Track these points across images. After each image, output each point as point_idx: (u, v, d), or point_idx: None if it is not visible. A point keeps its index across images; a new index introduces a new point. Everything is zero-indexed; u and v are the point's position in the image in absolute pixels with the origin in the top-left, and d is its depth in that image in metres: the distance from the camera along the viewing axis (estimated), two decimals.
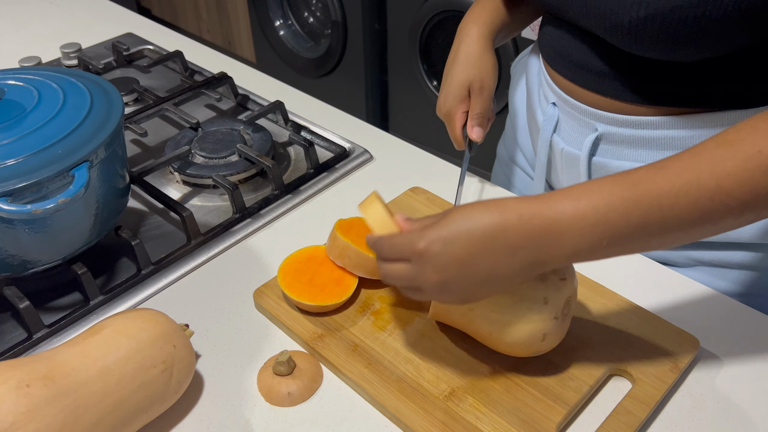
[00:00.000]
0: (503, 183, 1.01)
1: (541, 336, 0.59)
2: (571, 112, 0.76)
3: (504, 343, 0.60)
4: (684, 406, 0.62)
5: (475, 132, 0.79)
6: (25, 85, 0.72)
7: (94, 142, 0.67)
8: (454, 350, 0.65)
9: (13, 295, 0.68)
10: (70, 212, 0.67)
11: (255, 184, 0.90)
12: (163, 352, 0.58)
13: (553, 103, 0.79)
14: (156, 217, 0.86)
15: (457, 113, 0.79)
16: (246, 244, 0.81)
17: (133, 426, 0.57)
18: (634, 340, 0.65)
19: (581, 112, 0.75)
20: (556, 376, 0.62)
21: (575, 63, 0.73)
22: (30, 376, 0.51)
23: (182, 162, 0.90)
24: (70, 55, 1.17)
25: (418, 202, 0.84)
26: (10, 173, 0.62)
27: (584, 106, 0.74)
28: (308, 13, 2.53)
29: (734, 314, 0.70)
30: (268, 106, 1.00)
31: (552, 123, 0.79)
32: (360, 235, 0.72)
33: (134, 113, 0.98)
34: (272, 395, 0.62)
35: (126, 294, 0.74)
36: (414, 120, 2.36)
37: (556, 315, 0.58)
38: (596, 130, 0.74)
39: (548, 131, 0.80)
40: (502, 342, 0.60)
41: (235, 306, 0.73)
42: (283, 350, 0.64)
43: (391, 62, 2.34)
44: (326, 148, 0.96)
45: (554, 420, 0.58)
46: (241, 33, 2.89)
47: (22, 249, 0.66)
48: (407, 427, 0.59)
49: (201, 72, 1.13)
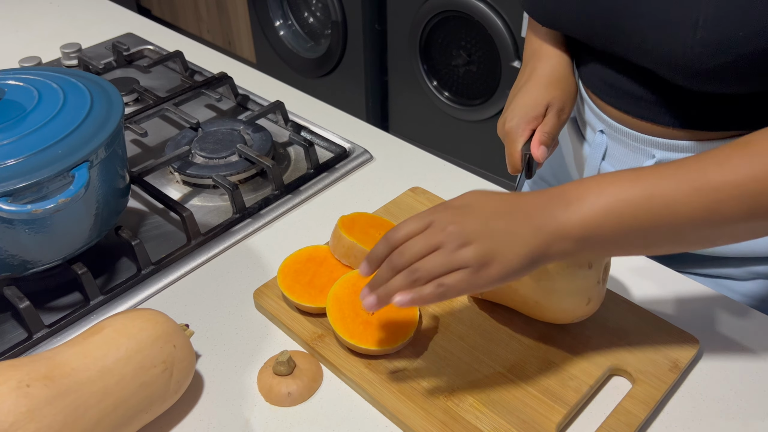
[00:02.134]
0: None
1: (586, 300, 0.61)
2: (623, 140, 0.73)
3: (550, 310, 0.61)
4: (684, 406, 0.62)
5: (540, 150, 0.68)
6: (25, 85, 0.72)
7: (94, 142, 0.67)
8: (454, 350, 0.65)
9: (13, 295, 0.68)
10: (70, 212, 0.67)
11: (255, 184, 0.90)
12: (163, 352, 0.58)
13: (600, 131, 0.76)
14: (156, 217, 0.86)
15: (524, 131, 0.70)
16: (246, 244, 0.81)
17: (133, 426, 0.57)
18: (634, 340, 0.65)
19: (635, 140, 0.72)
20: (556, 376, 0.62)
21: (628, 94, 0.71)
22: (30, 376, 0.51)
23: (182, 162, 0.90)
24: (70, 55, 1.17)
25: (418, 202, 0.84)
26: (10, 173, 0.62)
27: (639, 134, 0.71)
28: (308, 13, 2.53)
29: (734, 314, 0.70)
30: (268, 106, 1.00)
31: (600, 151, 0.76)
32: (364, 232, 0.72)
33: (134, 113, 0.98)
34: (272, 395, 0.62)
35: (126, 294, 0.74)
36: (414, 120, 2.36)
37: (598, 279, 0.61)
38: (653, 156, 0.71)
39: (597, 159, 0.77)
40: (548, 309, 0.61)
41: (235, 306, 0.73)
42: (283, 350, 0.64)
43: (391, 62, 2.34)
44: (326, 148, 0.96)
45: (554, 420, 0.58)
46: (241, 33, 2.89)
47: (22, 249, 0.66)
48: (407, 427, 0.59)
49: (201, 72, 1.13)
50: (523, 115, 0.70)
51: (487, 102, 2.07)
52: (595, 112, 0.76)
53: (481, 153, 2.19)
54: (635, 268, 0.75)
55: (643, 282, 0.74)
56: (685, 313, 0.70)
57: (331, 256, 0.73)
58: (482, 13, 1.93)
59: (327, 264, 0.72)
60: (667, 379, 0.61)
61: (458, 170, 0.92)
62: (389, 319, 0.65)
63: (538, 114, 0.70)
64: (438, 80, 2.20)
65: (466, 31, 2.03)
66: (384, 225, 0.75)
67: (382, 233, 0.73)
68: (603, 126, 0.76)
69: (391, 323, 0.65)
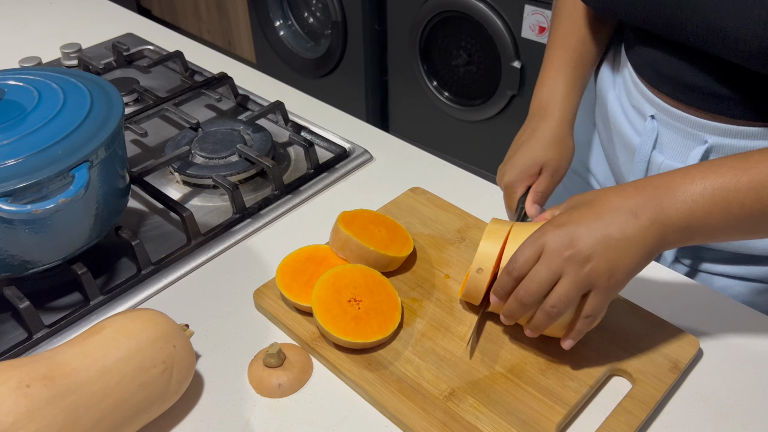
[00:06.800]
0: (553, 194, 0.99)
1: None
2: (674, 124, 0.74)
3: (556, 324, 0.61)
4: (684, 406, 0.62)
5: (534, 209, 0.73)
6: (25, 85, 0.72)
7: (94, 143, 0.67)
8: (454, 350, 0.65)
9: (13, 295, 0.68)
10: (70, 212, 0.67)
11: (255, 185, 0.90)
12: (163, 353, 0.58)
13: (651, 116, 0.76)
14: (156, 217, 0.86)
15: (520, 187, 0.75)
16: (246, 245, 0.81)
17: (133, 426, 0.57)
18: (634, 340, 0.65)
19: (688, 124, 0.72)
20: (556, 376, 0.62)
21: (683, 83, 0.71)
22: (30, 376, 0.51)
23: (182, 162, 0.90)
24: (70, 55, 1.17)
25: (418, 202, 0.84)
26: (10, 173, 0.62)
27: (693, 118, 0.71)
28: (308, 14, 2.53)
29: (734, 314, 0.70)
30: (268, 107, 1.00)
31: (651, 138, 0.76)
32: (362, 228, 0.73)
33: (134, 113, 0.98)
34: (263, 387, 0.63)
35: (126, 294, 0.74)
36: (414, 120, 2.36)
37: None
38: (705, 142, 0.71)
39: (647, 147, 0.77)
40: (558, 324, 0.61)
41: (235, 306, 0.73)
42: (273, 342, 0.64)
43: (391, 62, 2.34)
44: (326, 149, 0.96)
45: (554, 420, 0.58)
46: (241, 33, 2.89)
47: (22, 249, 0.66)
48: (407, 427, 0.59)
49: (201, 72, 1.13)
50: (519, 173, 0.75)
51: (487, 102, 2.07)
52: (646, 97, 0.76)
53: (481, 153, 2.19)
54: None
55: (643, 282, 0.74)
56: (685, 313, 0.70)
57: (330, 255, 0.73)
58: (482, 13, 1.93)
59: (326, 263, 0.72)
60: (667, 379, 0.61)
61: (458, 170, 0.92)
62: (375, 309, 0.66)
63: (533, 173, 0.75)
64: (438, 80, 2.20)
65: (466, 31, 2.03)
66: (385, 222, 0.75)
67: (382, 230, 0.74)
68: (654, 110, 0.75)
69: (378, 312, 0.66)
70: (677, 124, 0.73)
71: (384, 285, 0.68)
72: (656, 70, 0.74)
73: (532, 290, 0.57)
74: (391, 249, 0.72)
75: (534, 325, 0.60)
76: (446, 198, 0.85)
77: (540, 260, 0.57)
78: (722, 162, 0.57)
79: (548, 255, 0.57)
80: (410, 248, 0.74)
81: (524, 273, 0.58)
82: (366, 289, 0.67)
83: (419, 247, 0.77)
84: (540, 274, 0.57)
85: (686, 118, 0.72)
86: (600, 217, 0.57)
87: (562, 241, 0.56)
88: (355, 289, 0.67)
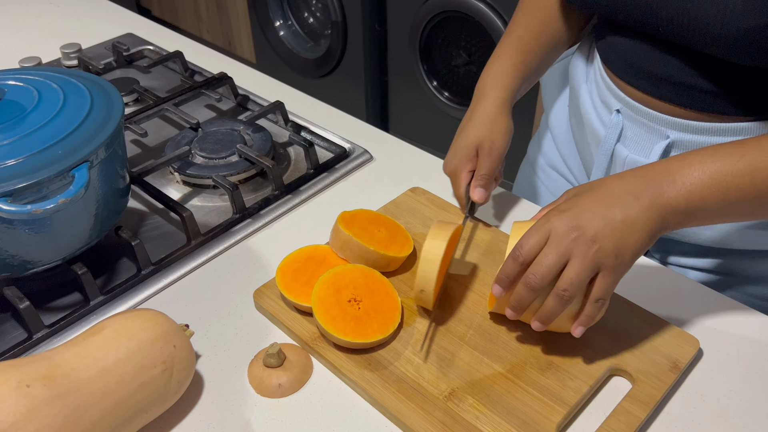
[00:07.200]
0: (529, 189, 0.98)
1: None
2: (638, 119, 0.74)
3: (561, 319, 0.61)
4: (684, 406, 0.62)
5: (477, 193, 0.75)
6: (25, 85, 0.72)
7: (94, 143, 0.67)
8: (454, 350, 0.65)
9: (13, 295, 0.68)
10: (70, 212, 0.67)
11: (255, 185, 0.90)
12: (163, 353, 0.58)
13: (617, 111, 0.77)
14: (156, 217, 0.86)
15: (462, 172, 0.76)
16: (246, 245, 0.81)
17: (133, 426, 0.57)
18: (634, 340, 0.65)
19: (652, 119, 0.73)
20: (556, 376, 0.62)
21: (652, 74, 0.71)
22: (30, 376, 0.51)
23: (182, 162, 0.90)
24: (70, 55, 1.17)
25: (418, 202, 0.84)
26: (10, 173, 0.62)
27: (656, 113, 0.72)
28: (308, 14, 2.53)
29: (734, 314, 0.70)
30: (268, 107, 1.00)
31: (616, 131, 0.77)
32: (362, 227, 0.73)
33: (134, 113, 0.98)
34: (263, 387, 0.63)
35: (126, 294, 0.74)
36: (414, 120, 2.36)
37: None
38: (668, 137, 0.72)
39: (611, 140, 0.78)
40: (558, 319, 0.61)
41: (235, 306, 0.73)
42: (273, 342, 0.64)
43: (391, 62, 2.34)
44: (326, 149, 0.96)
45: (554, 420, 0.58)
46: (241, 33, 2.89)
47: (22, 249, 0.66)
48: (407, 427, 0.59)
49: (201, 72, 1.13)
50: (459, 158, 0.76)
51: None
52: (612, 91, 0.77)
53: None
54: (635, 268, 0.75)
55: (643, 282, 0.74)
56: (685, 313, 0.70)
57: (330, 255, 0.73)
58: (482, 13, 1.93)
59: (326, 263, 0.72)
60: (667, 379, 0.61)
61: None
62: (375, 309, 0.66)
63: (471, 155, 0.76)
64: (438, 80, 2.20)
65: (466, 31, 2.03)
66: (385, 222, 0.75)
67: (382, 230, 0.74)
68: (620, 105, 0.76)
69: (378, 312, 0.66)
70: (641, 119, 0.74)
71: (384, 285, 0.68)
72: (626, 60, 0.74)
73: (542, 273, 0.58)
74: (391, 249, 0.72)
75: (545, 313, 0.59)
76: (446, 198, 0.85)
77: (547, 244, 0.58)
78: (719, 148, 0.59)
79: (555, 239, 0.58)
80: (410, 248, 0.74)
81: (531, 258, 0.59)
82: (366, 289, 0.67)
83: (419, 247, 0.77)
84: (549, 258, 0.57)
85: (650, 113, 0.73)
86: (603, 201, 0.58)
87: (568, 224, 0.58)
88: (355, 289, 0.67)
